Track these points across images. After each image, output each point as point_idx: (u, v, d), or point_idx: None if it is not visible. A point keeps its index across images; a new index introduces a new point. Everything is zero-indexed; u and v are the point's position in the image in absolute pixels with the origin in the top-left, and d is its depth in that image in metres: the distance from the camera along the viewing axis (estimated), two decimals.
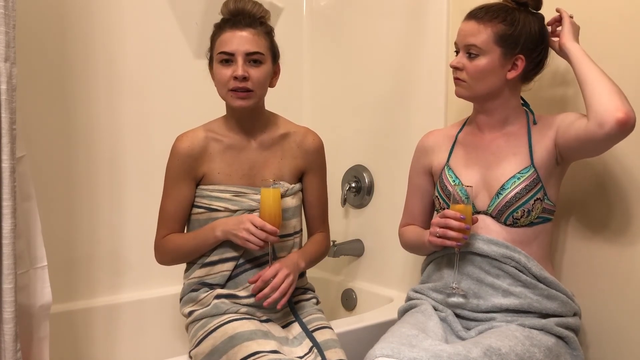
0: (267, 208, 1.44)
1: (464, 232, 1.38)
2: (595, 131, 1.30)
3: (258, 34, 1.48)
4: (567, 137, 1.39)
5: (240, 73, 1.44)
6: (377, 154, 2.15)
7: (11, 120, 1.21)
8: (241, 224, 1.43)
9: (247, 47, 1.46)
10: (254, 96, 1.49)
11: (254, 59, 1.47)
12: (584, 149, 1.40)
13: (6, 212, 1.21)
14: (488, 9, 1.44)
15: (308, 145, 1.63)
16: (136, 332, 2.00)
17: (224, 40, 1.47)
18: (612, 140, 1.31)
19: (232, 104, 1.49)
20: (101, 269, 2.00)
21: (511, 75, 1.44)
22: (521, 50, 1.42)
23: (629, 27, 1.48)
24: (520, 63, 1.43)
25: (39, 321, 1.35)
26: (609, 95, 1.30)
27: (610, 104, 1.29)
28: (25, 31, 1.72)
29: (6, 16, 1.19)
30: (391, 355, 1.23)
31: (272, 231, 1.42)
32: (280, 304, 1.44)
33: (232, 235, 1.45)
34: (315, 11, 2.40)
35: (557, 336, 1.40)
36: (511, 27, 1.41)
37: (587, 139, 1.33)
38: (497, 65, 1.42)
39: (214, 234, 1.48)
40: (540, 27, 1.45)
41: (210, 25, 1.56)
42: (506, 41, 1.41)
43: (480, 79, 1.44)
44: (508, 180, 1.43)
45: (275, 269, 1.45)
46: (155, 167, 1.67)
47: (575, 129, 1.37)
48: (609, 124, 1.28)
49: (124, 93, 2.02)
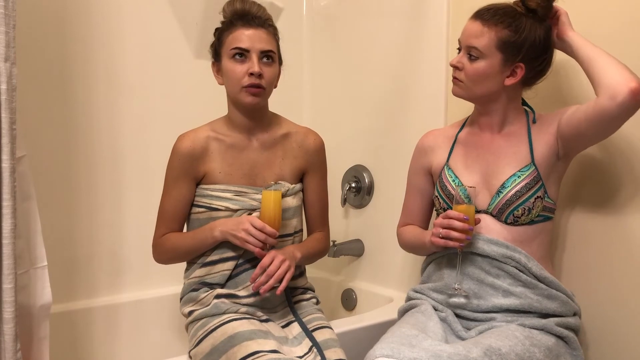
0: (267, 210, 1.44)
1: (467, 232, 1.38)
2: (608, 105, 1.28)
3: (270, 34, 1.50)
4: (574, 122, 1.37)
5: (257, 70, 1.45)
6: (377, 154, 2.15)
7: (11, 120, 1.21)
8: (240, 224, 1.43)
9: (263, 45, 1.47)
10: (265, 94, 1.50)
11: (267, 57, 1.48)
12: (594, 130, 1.36)
13: (6, 212, 1.21)
14: (496, 12, 1.41)
15: (309, 145, 1.63)
16: (136, 332, 2.00)
17: (237, 36, 1.47)
18: (626, 112, 1.29)
19: (244, 101, 1.49)
20: (101, 269, 2.00)
21: (509, 82, 1.43)
22: (522, 58, 1.40)
23: (630, 27, 1.48)
24: (519, 71, 1.42)
25: (39, 321, 1.34)
26: (619, 69, 1.30)
27: (621, 76, 1.28)
28: (25, 31, 1.72)
29: (6, 16, 1.19)
30: (391, 355, 1.23)
31: (272, 233, 1.42)
32: (278, 289, 1.43)
33: (230, 235, 1.45)
34: (315, 11, 2.41)
35: (557, 336, 1.40)
36: (515, 34, 1.39)
37: (599, 115, 1.31)
38: (496, 71, 1.41)
39: (212, 234, 1.48)
40: (545, 37, 1.41)
41: (210, 25, 1.56)
42: (508, 48, 1.40)
43: (478, 82, 1.43)
44: (508, 179, 1.43)
45: (271, 256, 1.44)
46: (155, 167, 1.67)
47: (582, 111, 1.35)
48: (622, 94, 1.26)
49: (124, 93, 2.02)
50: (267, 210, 1.44)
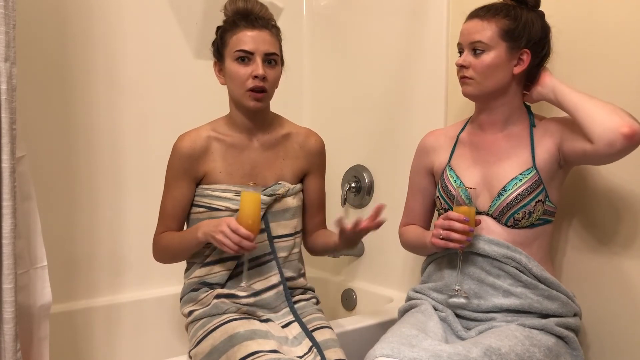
0: (243, 211, 1.38)
1: (467, 234, 1.38)
2: (607, 151, 1.30)
3: (273, 35, 1.50)
4: (574, 151, 1.39)
5: (262, 72, 1.44)
6: (377, 154, 2.15)
7: (11, 120, 1.21)
8: (219, 226, 1.38)
9: (267, 47, 1.46)
10: (268, 97, 1.50)
11: (271, 60, 1.48)
12: (592, 163, 1.46)
13: (6, 212, 1.21)
14: (489, 8, 1.45)
15: (310, 147, 1.63)
16: (136, 332, 2.00)
17: (241, 38, 1.46)
18: (626, 153, 1.31)
19: (248, 104, 1.48)
20: (101, 269, 2.00)
21: (518, 69, 1.44)
22: (526, 44, 1.42)
23: (630, 26, 1.48)
24: (526, 57, 1.43)
25: (39, 321, 1.34)
26: (607, 114, 1.30)
27: (612, 122, 1.29)
28: (25, 31, 1.72)
29: (6, 16, 1.19)
30: (391, 355, 1.23)
31: (246, 235, 1.36)
32: None
33: (210, 237, 1.41)
34: (315, 11, 2.40)
35: (557, 336, 1.39)
36: (515, 21, 1.42)
37: (600, 158, 1.35)
38: (504, 60, 1.42)
39: (196, 235, 1.45)
40: (541, 22, 1.46)
41: (211, 25, 1.55)
42: (511, 35, 1.42)
43: (488, 75, 1.43)
44: (510, 182, 1.43)
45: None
46: (155, 167, 1.67)
47: (581, 146, 1.36)
48: (617, 143, 1.28)
49: (124, 93, 2.02)
50: (243, 212, 1.38)
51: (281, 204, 1.55)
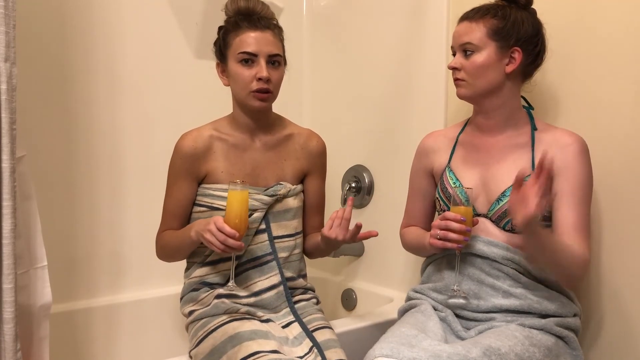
0: (230, 210, 1.36)
1: (464, 234, 1.38)
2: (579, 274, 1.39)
3: (276, 36, 1.49)
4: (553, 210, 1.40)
5: (266, 75, 1.44)
6: (377, 154, 2.15)
7: (11, 120, 1.21)
8: (207, 225, 1.38)
9: (270, 49, 1.46)
10: (272, 98, 1.50)
11: (274, 61, 1.48)
12: None
13: (6, 212, 1.21)
14: (479, 9, 1.46)
15: (312, 148, 1.63)
16: (136, 332, 2.00)
17: (244, 40, 1.46)
18: None
19: (252, 105, 1.48)
20: (101, 269, 2.00)
21: (510, 68, 1.44)
22: (516, 42, 1.43)
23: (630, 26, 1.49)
24: (517, 56, 1.43)
25: (39, 321, 1.34)
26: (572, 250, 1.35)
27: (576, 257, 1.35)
28: (25, 31, 1.71)
29: (6, 16, 1.19)
30: (391, 355, 1.23)
31: (231, 234, 1.33)
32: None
33: (200, 236, 1.40)
34: (315, 11, 2.40)
35: (557, 336, 1.39)
36: (503, 20, 1.42)
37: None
38: (495, 60, 1.43)
39: (189, 234, 1.45)
40: (533, 19, 1.46)
41: (211, 25, 1.55)
42: (500, 34, 1.42)
43: (480, 75, 1.44)
44: (509, 187, 1.42)
45: None
46: (156, 167, 1.67)
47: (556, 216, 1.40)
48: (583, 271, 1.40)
49: (124, 93, 2.02)
50: (229, 210, 1.36)
51: (282, 205, 1.55)
